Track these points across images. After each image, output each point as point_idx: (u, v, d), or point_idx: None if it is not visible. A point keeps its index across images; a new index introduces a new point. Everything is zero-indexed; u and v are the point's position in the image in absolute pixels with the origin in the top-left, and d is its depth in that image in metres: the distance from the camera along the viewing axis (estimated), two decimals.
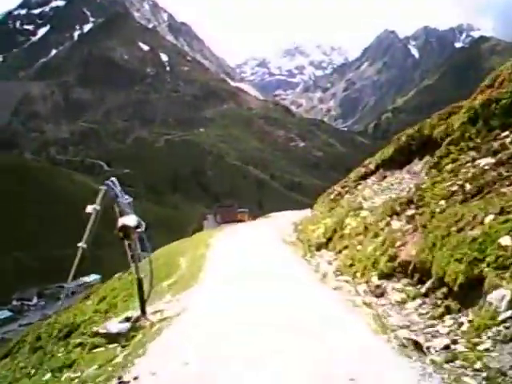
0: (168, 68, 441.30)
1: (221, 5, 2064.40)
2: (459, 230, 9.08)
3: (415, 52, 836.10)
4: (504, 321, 6.56)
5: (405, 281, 10.49)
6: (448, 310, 8.09)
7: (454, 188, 11.78)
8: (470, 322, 7.32)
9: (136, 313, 11.14)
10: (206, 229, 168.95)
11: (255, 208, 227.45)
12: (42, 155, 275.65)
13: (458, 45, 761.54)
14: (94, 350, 10.43)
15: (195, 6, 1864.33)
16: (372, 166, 25.22)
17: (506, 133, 12.72)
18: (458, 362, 6.04)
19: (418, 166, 19.35)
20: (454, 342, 6.88)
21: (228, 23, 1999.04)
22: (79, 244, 10.70)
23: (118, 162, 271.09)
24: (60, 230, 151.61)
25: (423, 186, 13.73)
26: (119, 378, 7.10)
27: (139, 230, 11.15)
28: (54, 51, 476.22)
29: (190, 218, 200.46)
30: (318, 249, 18.37)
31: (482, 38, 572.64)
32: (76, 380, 8.83)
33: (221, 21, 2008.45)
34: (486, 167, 11.52)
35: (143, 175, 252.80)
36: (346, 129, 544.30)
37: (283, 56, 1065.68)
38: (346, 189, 25.98)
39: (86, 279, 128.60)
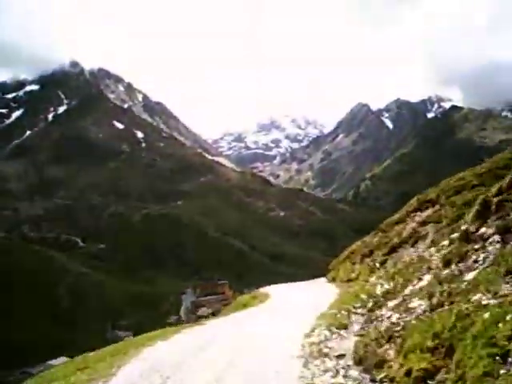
0: (143, 144, 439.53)
1: (196, 83, 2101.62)
2: None
3: (389, 123, 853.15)
4: None
5: None
6: None
7: None
8: None
9: None
10: (183, 306, 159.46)
11: (235, 280, 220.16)
12: (13, 233, 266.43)
13: (430, 115, 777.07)
14: None
15: (171, 85, 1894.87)
16: None
17: None
18: None
19: None
20: None
21: (204, 100, 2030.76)
22: None
23: (93, 238, 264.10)
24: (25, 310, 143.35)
25: None
26: None
27: None
28: (28, 132, 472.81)
29: (167, 294, 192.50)
30: None
31: (454, 108, 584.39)
32: None
33: (197, 98, 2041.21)
34: None
35: (119, 251, 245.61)
36: (325, 197, 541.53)
37: (259, 131, 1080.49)
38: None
39: (54, 362, 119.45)
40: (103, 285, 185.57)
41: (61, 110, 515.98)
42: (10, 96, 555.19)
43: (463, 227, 15.34)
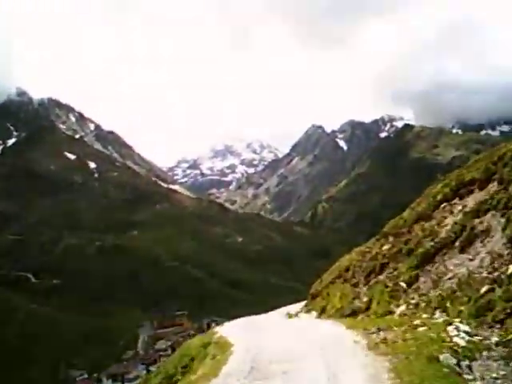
0: (96, 175, 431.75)
1: (150, 110, 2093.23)
2: None
3: (343, 144, 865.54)
4: None
5: None
6: None
7: None
8: None
9: None
10: (140, 339, 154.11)
11: (194, 309, 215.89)
12: None
13: (383, 135, 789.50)
14: None
15: (123, 112, 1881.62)
16: None
17: None
18: None
19: None
20: None
21: (158, 128, 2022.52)
22: None
23: (46, 273, 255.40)
24: None
25: None
26: None
27: None
28: None
29: (124, 328, 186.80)
30: None
31: (406, 126, 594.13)
32: None
33: (151, 125, 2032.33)
34: None
35: (74, 285, 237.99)
36: (282, 221, 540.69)
37: (214, 156, 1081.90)
38: None
39: None
40: (56, 322, 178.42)
41: (10, 142, 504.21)
42: None
43: None
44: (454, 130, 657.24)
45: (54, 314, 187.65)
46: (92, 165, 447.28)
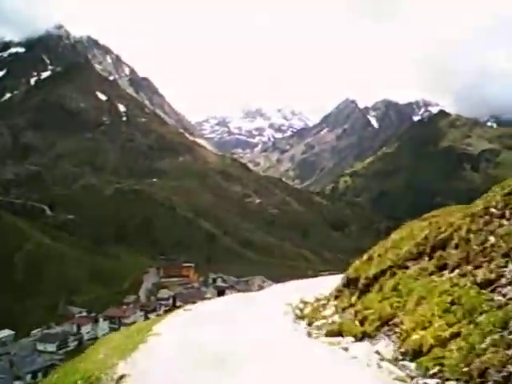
0: (124, 118, 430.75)
1: (185, 62, 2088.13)
2: None
3: (374, 122, 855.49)
4: None
5: None
6: None
7: None
8: None
9: None
10: (143, 286, 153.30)
11: (203, 263, 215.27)
12: None
13: (416, 118, 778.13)
14: None
15: (157, 62, 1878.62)
16: None
17: None
18: None
19: None
20: None
21: (192, 81, 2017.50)
22: None
23: (62, 208, 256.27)
24: None
25: None
26: None
27: None
28: (8, 95, 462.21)
29: (129, 272, 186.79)
30: None
31: (441, 113, 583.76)
32: None
33: (183, 78, 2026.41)
34: None
35: (87, 223, 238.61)
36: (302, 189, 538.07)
37: (244, 117, 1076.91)
38: None
39: None
40: (64, 257, 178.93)
41: (44, 75, 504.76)
42: None
43: None
44: (489, 123, 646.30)
45: (62, 250, 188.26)
46: (122, 108, 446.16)
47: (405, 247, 14.28)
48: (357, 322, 12.21)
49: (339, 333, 12.24)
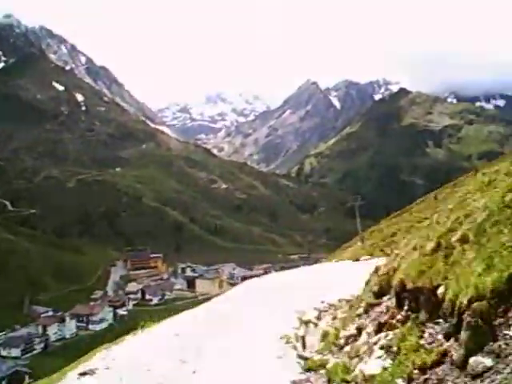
0: (83, 108, 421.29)
1: (143, 50, 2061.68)
2: None
3: (336, 103, 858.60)
4: None
5: None
6: None
7: None
8: None
9: None
10: (110, 280, 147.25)
11: (171, 253, 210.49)
12: None
13: (377, 97, 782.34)
14: None
15: (115, 50, 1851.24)
16: None
17: None
18: None
19: None
20: None
21: (151, 69, 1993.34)
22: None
23: (24, 202, 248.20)
24: None
25: None
26: None
27: None
28: None
29: (96, 265, 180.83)
30: None
31: (402, 91, 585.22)
32: None
33: (143, 66, 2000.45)
34: None
35: (50, 216, 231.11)
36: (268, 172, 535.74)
37: (205, 103, 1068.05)
38: None
39: None
40: (27, 253, 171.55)
41: None
42: None
43: None
44: (449, 99, 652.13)
45: (25, 245, 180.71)
46: (80, 97, 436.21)
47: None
48: None
49: None
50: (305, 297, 15.61)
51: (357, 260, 33.46)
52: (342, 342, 10.05)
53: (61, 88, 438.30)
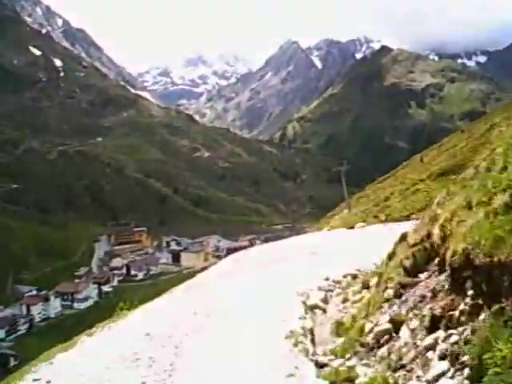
0: (62, 74, 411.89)
1: (120, 12, 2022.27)
2: None
3: (318, 62, 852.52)
4: None
5: None
6: None
7: None
8: None
9: None
10: (95, 256, 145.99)
11: (156, 226, 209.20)
12: None
13: (359, 55, 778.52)
14: None
15: (92, 11, 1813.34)
16: None
17: None
18: None
19: None
20: None
21: (129, 32, 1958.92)
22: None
23: (5, 177, 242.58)
24: None
25: None
26: None
27: None
28: None
29: (80, 240, 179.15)
30: None
31: (384, 48, 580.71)
32: None
33: (121, 28, 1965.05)
34: None
35: (32, 191, 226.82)
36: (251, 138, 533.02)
37: (186, 65, 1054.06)
38: None
39: None
40: (10, 230, 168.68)
41: None
42: None
43: None
44: (431, 57, 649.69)
45: (7, 222, 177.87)
46: (58, 63, 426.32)
47: None
48: None
49: None
50: (304, 272, 14.19)
51: (351, 228, 32.25)
52: (370, 339, 7.59)
53: (38, 53, 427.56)
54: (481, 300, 5.58)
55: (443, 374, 5.26)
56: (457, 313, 5.91)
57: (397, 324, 7.07)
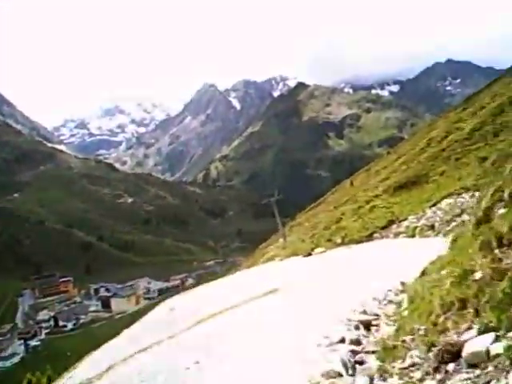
0: None
1: (34, 68, 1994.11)
2: None
3: (236, 103, 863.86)
4: None
5: None
6: None
7: None
8: None
9: None
10: (19, 311, 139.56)
11: (82, 275, 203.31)
12: None
13: (276, 94, 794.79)
14: None
15: (6, 70, 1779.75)
16: None
17: None
18: None
19: None
20: None
21: (42, 86, 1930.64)
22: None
23: None
24: None
25: None
26: None
27: None
28: None
29: (1, 297, 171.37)
30: None
31: (300, 85, 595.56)
32: None
33: (32, 84, 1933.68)
34: None
35: None
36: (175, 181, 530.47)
37: (103, 116, 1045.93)
38: None
39: None
40: None
41: None
42: None
43: None
44: (346, 90, 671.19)
45: None
46: None
47: None
48: None
49: None
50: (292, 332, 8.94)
51: (309, 254, 30.46)
52: None
53: None
54: None
55: None
56: None
57: None
